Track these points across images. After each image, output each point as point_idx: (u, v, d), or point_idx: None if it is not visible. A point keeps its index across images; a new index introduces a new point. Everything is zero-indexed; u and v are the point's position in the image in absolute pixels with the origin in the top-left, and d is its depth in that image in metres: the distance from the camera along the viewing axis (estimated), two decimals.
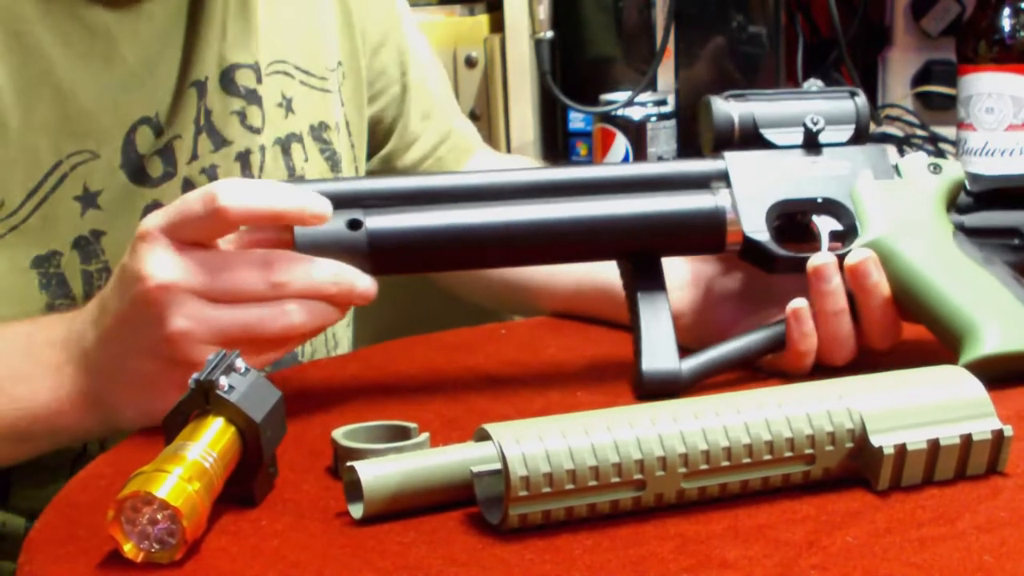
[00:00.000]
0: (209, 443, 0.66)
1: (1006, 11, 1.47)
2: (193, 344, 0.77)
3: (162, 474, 0.62)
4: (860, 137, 0.90)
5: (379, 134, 1.17)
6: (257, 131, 1.02)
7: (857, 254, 0.85)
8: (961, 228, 0.89)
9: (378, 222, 0.81)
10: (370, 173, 1.17)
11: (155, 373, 0.78)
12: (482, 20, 1.71)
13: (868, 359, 0.86)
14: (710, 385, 0.85)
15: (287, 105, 1.05)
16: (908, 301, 0.85)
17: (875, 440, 0.67)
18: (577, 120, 1.67)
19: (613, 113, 1.57)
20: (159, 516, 0.62)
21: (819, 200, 0.88)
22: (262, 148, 1.02)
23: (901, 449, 0.68)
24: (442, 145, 1.19)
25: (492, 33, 1.70)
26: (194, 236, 0.78)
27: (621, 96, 1.57)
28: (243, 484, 0.69)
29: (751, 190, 0.87)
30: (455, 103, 1.25)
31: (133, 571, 0.62)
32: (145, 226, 0.78)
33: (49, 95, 0.92)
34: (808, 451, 0.67)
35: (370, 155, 1.17)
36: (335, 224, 0.80)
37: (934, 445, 0.68)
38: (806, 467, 0.68)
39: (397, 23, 1.18)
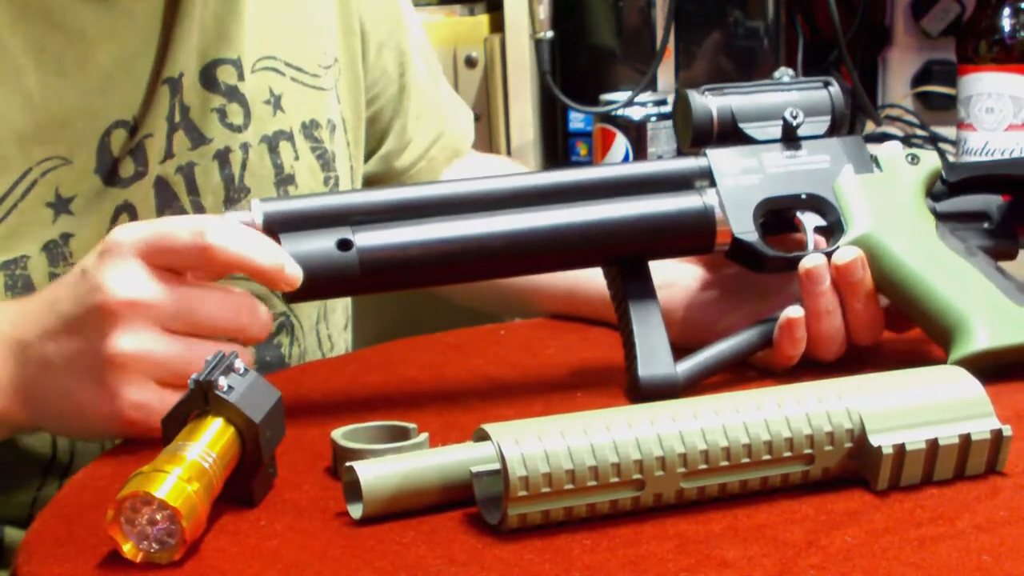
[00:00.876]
0: (208, 443, 0.66)
1: (1006, 11, 1.47)
2: (130, 375, 0.75)
3: (161, 474, 0.62)
4: (836, 127, 0.90)
5: (376, 134, 1.16)
6: (238, 129, 1.00)
7: (846, 253, 0.85)
8: (934, 214, 0.88)
9: (367, 240, 0.80)
10: (369, 178, 1.16)
11: (81, 393, 0.76)
12: (482, 20, 1.71)
13: (858, 356, 0.86)
14: (706, 385, 0.85)
15: (275, 102, 1.03)
16: (896, 297, 0.86)
17: (874, 440, 0.67)
18: (577, 120, 1.67)
19: (613, 113, 1.57)
20: (158, 516, 0.62)
21: (803, 196, 0.88)
22: (244, 146, 1.00)
23: (900, 449, 0.68)
24: (434, 146, 1.19)
25: (492, 33, 1.69)
26: (170, 263, 0.76)
27: (621, 96, 1.57)
28: (242, 484, 0.69)
29: (736, 189, 0.86)
30: (453, 103, 1.24)
31: (132, 571, 0.62)
32: (118, 238, 0.76)
33: (19, 104, 0.90)
34: (807, 451, 0.67)
35: (368, 156, 1.16)
36: (325, 245, 0.79)
37: (933, 445, 0.68)
38: (805, 467, 0.68)
39: (399, 22, 1.17)
